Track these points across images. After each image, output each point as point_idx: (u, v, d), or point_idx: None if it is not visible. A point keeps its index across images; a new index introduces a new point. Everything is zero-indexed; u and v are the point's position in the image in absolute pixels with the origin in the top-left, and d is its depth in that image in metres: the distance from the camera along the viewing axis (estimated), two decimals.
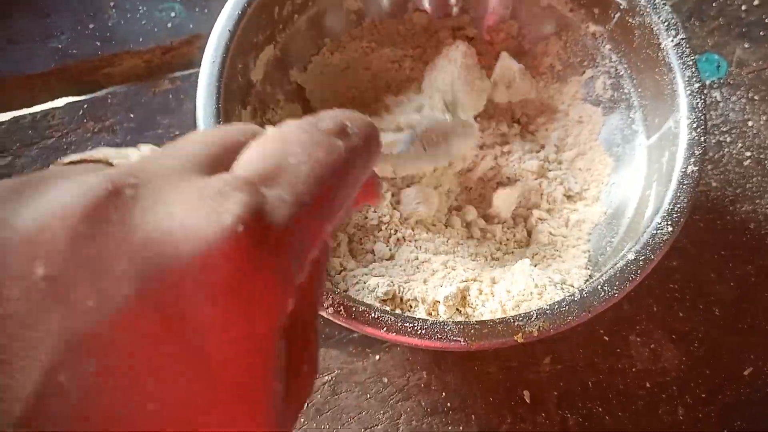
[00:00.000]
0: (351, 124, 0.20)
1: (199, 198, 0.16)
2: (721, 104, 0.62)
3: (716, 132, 0.61)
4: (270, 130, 0.21)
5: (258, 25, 0.49)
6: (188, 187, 0.16)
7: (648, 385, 0.53)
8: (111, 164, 0.20)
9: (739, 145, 0.60)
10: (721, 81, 0.63)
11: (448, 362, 0.53)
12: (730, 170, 0.60)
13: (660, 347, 0.54)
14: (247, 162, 0.18)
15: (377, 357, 0.53)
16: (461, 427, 0.51)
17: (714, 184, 0.59)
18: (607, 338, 0.54)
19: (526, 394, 0.52)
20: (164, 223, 0.15)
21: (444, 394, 0.52)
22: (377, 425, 0.51)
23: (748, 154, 0.60)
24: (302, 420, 0.51)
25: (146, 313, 0.15)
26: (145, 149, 0.22)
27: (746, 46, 0.64)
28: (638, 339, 0.54)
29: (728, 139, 0.61)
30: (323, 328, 0.54)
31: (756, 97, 0.62)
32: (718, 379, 0.53)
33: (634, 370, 0.53)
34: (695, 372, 0.53)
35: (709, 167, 0.59)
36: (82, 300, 0.14)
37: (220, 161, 0.18)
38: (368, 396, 0.52)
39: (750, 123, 0.61)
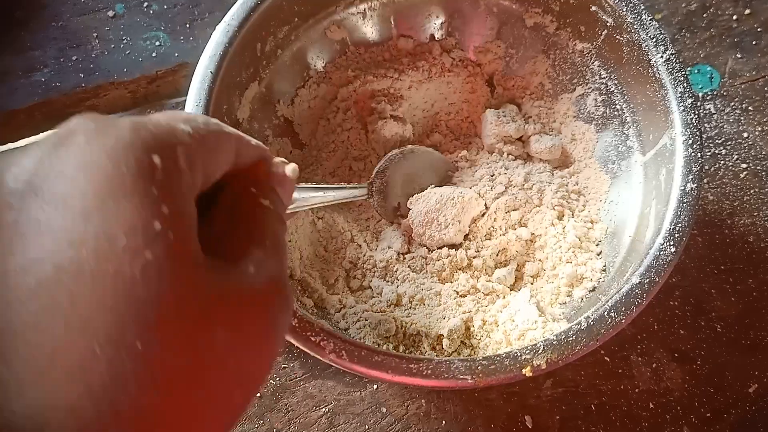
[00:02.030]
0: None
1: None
2: (715, 116, 0.61)
3: (711, 144, 0.60)
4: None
5: (241, 64, 0.48)
6: None
7: (651, 405, 0.52)
8: None
9: (735, 157, 0.60)
10: (715, 92, 0.62)
11: (447, 390, 0.52)
12: (726, 183, 0.59)
13: (662, 366, 0.53)
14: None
15: (375, 387, 0.52)
16: None
17: (711, 198, 0.58)
18: (608, 359, 0.53)
19: (528, 419, 0.51)
20: None
21: (444, 422, 0.51)
22: None
23: (744, 165, 0.59)
24: None
25: None
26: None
27: (738, 56, 0.63)
28: (640, 359, 0.53)
29: (723, 152, 0.60)
30: (318, 360, 0.53)
31: (750, 108, 0.61)
32: (723, 397, 0.52)
33: (636, 390, 0.52)
34: (699, 391, 0.52)
35: (706, 180, 0.59)
36: None
37: None
38: (366, 427, 0.51)
39: (745, 134, 0.60)
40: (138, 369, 0.17)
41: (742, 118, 0.61)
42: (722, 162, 0.59)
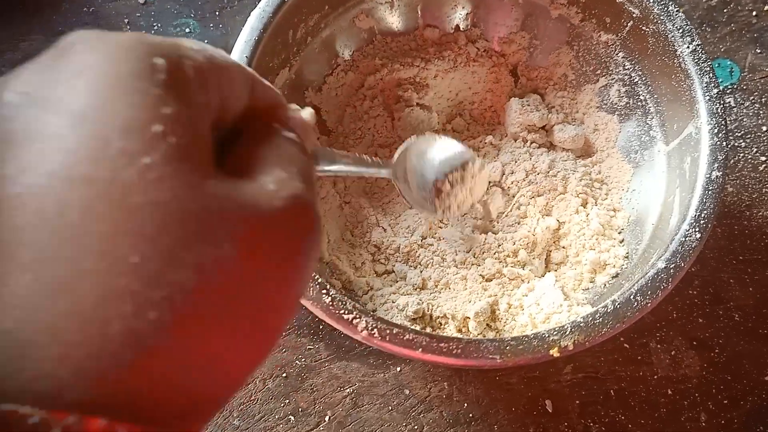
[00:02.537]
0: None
1: None
2: (734, 109, 0.62)
3: (731, 137, 0.61)
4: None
5: (273, 50, 0.49)
6: None
7: (670, 392, 0.53)
8: None
9: (754, 150, 0.60)
10: (734, 86, 0.63)
11: (469, 373, 0.53)
12: (745, 175, 0.60)
13: (680, 354, 0.54)
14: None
15: (398, 369, 0.53)
16: None
17: (730, 189, 0.59)
18: (627, 346, 0.54)
19: (548, 403, 0.52)
20: None
21: (466, 405, 0.52)
22: None
23: (763, 158, 0.60)
24: None
25: None
26: None
27: (758, 51, 0.64)
28: (659, 346, 0.54)
29: (743, 144, 0.61)
30: (343, 341, 0.54)
31: None
32: (740, 385, 0.53)
33: (655, 377, 0.53)
34: (717, 378, 0.53)
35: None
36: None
37: None
38: (390, 408, 0.52)
39: (764, 128, 0.61)
40: (132, 285, 0.15)
41: (761, 112, 0.62)
42: (741, 155, 0.60)
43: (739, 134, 0.61)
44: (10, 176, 0.16)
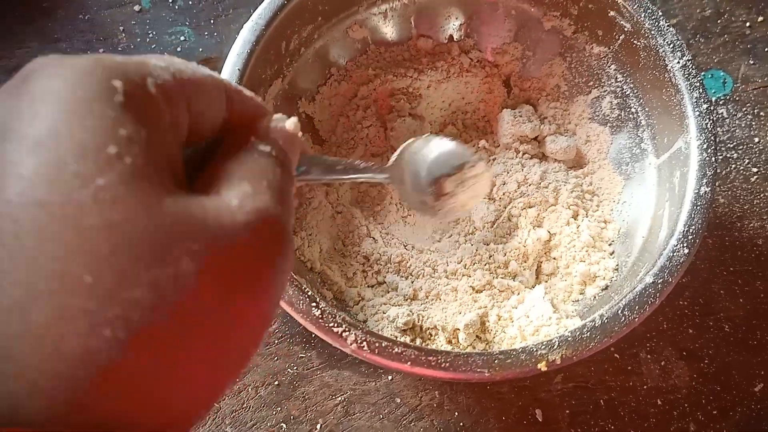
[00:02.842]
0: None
1: None
2: (727, 120, 0.62)
3: (723, 148, 0.61)
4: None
5: (266, 61, 0.49)
6: None
7: (659, 402, 0.53)
8: None
9: (746, 161, 0.61)
10: (727, 97, 0.63)
11: (460, 383, 0.53)
12: (737, 186, 0.60)
13: (670, 364, 0.54)
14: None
15: (389, 377, 0.53)
16: None
17: (722, 200, 0.59)
18: (617, 356, 0.54)
19: (539, 413, 0.53)
20: None
21: (457, 414, 0.52)
22: None
23: (755, 170, 0.60)
24: None
25: None
26: None
27: (751, 62, 0.64)
28: (648, 356, 0.54)
29: (735, 156, 0.61)
30: (335, 350, 0.54)
31: (762, 114, 0.62)
32: (729, 395, 0.53)
33: (645, 387, 0.53)
34: (706, 389, 0.54)
35: (717, 183, 0.60)
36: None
37: None
38: (381, 416, 0.52)
39: (756, 139, 0.61)
40: (86, 304, 0.15)
41: (753, 123, 0.62)
42: (733, 166, 0.61)
43: (731, 145, 0.61)
44: None
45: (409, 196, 0.45)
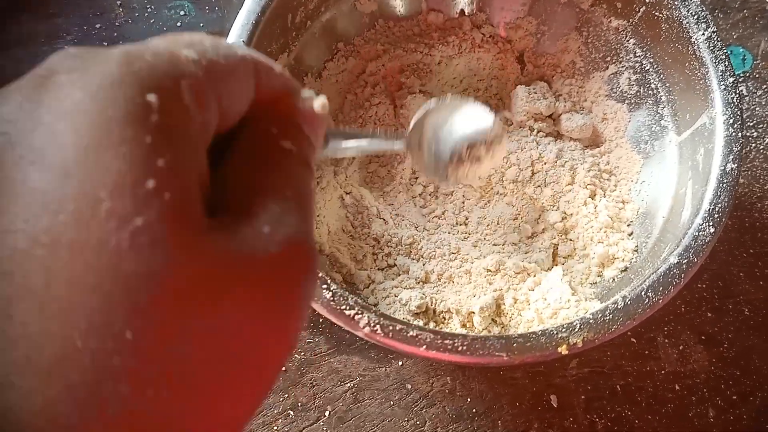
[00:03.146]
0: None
1: None
2: (747, 98, 0.60)
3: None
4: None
5: (272, 34, 0.47)
6: None
7: (677, 387, 0.52)
8: None
9: (767, 140, 0.59)
10: (747, 74, 0.61)
11: (473, 368, 0.52)
12: (757, 166, 0.58)
13: (689, 348, 0.53)
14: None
15: (400, 363, 0.52)
16: None
17: (741, 180, 0.58)
18: (634, 340, 0.53)
19: (553, 398, 0.51)
20: None
21: (469, 400, 0.51)
22: None
23: None
24: (325, 429, 0.50)
25: None
26: None
27: None
28: (666, 341, 0.53)
29: (755, 134, 0.59)
30: (344, 335, 0.53)
31: None
32: (749, 380, 0.52)
33: (662, 372, 0.52)
34: (725, 373, 0.52)
35: None
36: None
37: None
38: (392, 403, 0.51)
39: None
40: (130, 363, 0.14)
41: None
42: (753, 145, 0.59)
43: (751, 124, 0.60)
44: None
45: (422, 162, 0.43)
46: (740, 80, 0.61)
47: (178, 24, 0.62)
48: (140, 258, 0.14)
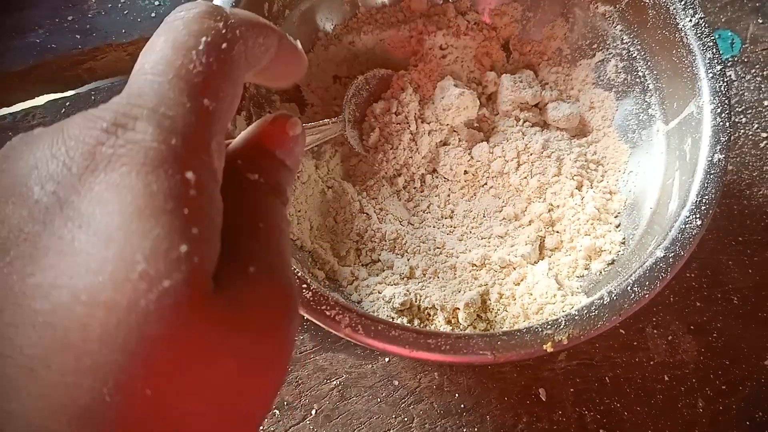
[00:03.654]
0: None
1: None
2: (735, 83, 0.60)
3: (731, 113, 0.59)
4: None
5: None
6: None
7: (666, 378, 0.52)
8: None
9: (755, 125, 0.58)
10: (735, 59, 0.61)
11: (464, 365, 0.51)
12: (746, 152, 0.57)
13: (677, 339, 0.53)
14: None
15: (386, 359, 0.52)
16: (476, 429, 0.50)
17: (730, 167, 0.57)
18: (623, 331, 0.53)
19: (542, 392, 0.51)
20: None
21: (457, 395, 0.51)
22: (389, 430, 0.50)
23: (765, 135, 0.58)
24: (311, 427, 0.49)
25: None
26: None
27: (760, 21, 0.62)
28: (655, 331, 0.53)
29: (743, 120, 0.58)
30: (328, 332, 0.52)
31: None
32: (738, 369, 0.52)
33: (651, 363, 0.52)
34: (714, 363, 0.52)
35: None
36: None
37: None
38: (379, 400, 0.50)
39: (766, 102, 0.59)
40: (150, 418, 0.16)
41: (763, 85, 0.59)
42: (742, 131, 0.58)
43: (740, 109, 0.59)
44: (39, 291, 0.16)
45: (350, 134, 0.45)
46: (729, 65, 0.60)
47: (152, 14, 0.60)
48: (163, 319, 0.16)
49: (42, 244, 0.17)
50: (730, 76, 0.60)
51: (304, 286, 0.39)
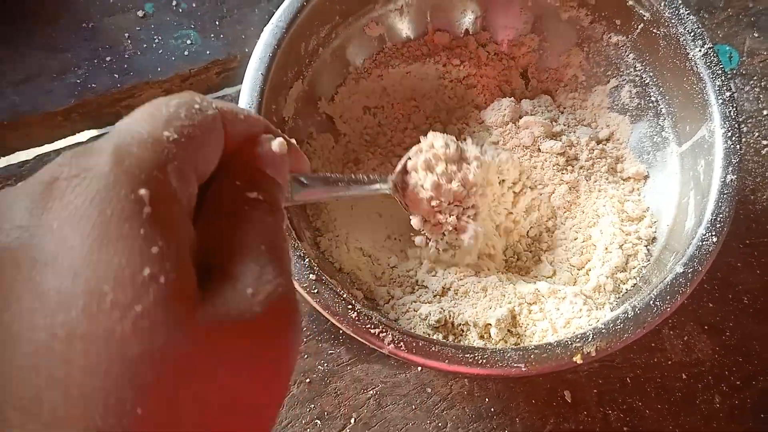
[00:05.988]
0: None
1: None
2: (735, 95, 0.63)
3: None
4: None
5: (287, 63, 0.49)
6: None
7: (684, 376, 0.54)
8: None
9: (756, 134, 0.61)
10: (734, 72, 0.64)
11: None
12: (748, 159, 0.61)
13: (693, 339, 0.55)
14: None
15: (419, 368, 0.54)
16: (507, 431, 0.52)
17: None
18: None
19: (567, 394, 0.54)
20: None
21: (487, 400, 0.53)
22: None
23: (765, 143, 0.61)
24: None
25: None
26: None
27: (756, 35, 0.65)
28: (671, 332, 0.56)
29: (745, 129, 0.62)
30: (363, 344, 0.54)
31: None
32: (752, 365, 0.55)
33: (669, 363, 0.55)
34: (729, 361, 0.55)
35: None
36: None
37: None
38: (413, 407, 0.53)
39: (765, 112, 0.62)
40: None
41: (761, 96, 0.63)
42: (744, 139, 0.61)
43: (741, 120, 0.62)
44: (19, 336, 0.16)
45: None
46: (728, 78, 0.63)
47: (185, 53, 0.63)
48: (142, 341, 0.16)
49: (16, 289, 0.17)
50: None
51: (350, 307, 0.42)
